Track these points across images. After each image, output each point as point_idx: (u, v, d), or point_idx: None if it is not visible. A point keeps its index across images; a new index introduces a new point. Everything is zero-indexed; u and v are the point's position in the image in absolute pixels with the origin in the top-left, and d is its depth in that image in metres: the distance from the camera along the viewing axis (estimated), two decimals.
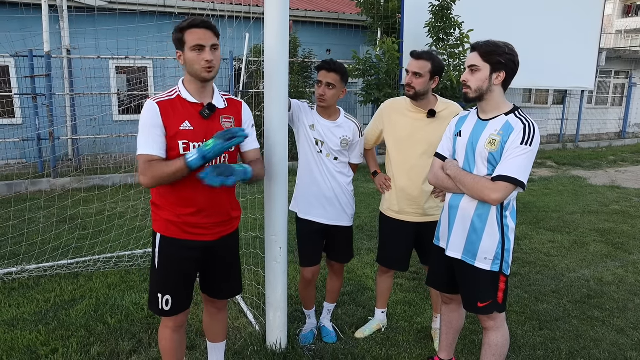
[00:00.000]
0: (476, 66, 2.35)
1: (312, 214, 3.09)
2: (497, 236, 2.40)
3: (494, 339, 2.54)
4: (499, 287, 2.45)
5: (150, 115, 2.21)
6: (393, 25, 11.44)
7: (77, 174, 8.33)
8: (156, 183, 2.22)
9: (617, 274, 4.65)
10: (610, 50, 16.13)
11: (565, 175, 10.18)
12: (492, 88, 2.37)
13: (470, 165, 2.43)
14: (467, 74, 2.38)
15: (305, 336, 3.30)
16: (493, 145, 2.32)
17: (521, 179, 2.26)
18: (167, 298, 2.36)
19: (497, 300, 2.47)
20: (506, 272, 2.45)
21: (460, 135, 2.50)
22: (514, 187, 2.27)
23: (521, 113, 2.38)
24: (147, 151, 2.19)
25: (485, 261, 2.42)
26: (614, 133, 17.49)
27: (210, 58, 2.20)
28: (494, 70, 2.34)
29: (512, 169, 2.25)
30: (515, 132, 2.29)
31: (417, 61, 2.90)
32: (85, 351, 3.13)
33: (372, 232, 5.66)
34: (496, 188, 2.27)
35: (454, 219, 2.51)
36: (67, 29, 9.38)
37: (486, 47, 2.34)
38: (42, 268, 4.39)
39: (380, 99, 9.88)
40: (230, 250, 2.55)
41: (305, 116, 3.03)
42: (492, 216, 2.39)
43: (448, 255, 2.55)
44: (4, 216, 5.68)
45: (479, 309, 2.49)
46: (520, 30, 11.20)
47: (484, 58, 2.34)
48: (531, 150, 2.27)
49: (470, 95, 2.39)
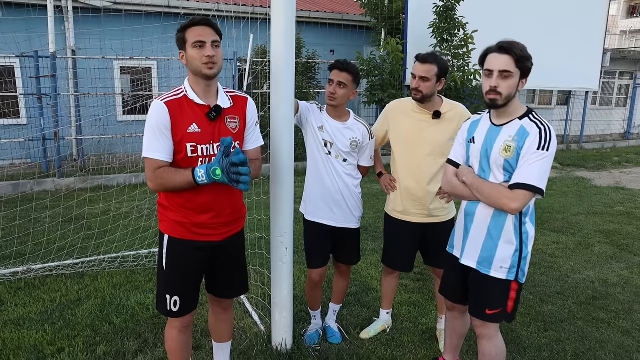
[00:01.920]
0: (509, 72, 2.21)
1: (320, 216, 3.10)
2: (514, 244, 2.33)
3: (487, 349, 2.47)
4: (509, 295, 2.38)
5: (158, 117, 2.19)
6: (397, 26, 11.44)
7: (82, 174, 8.36)
8: (164, 191, 2.26)
9: (622, 275, 4.64)
10: (615, 50, 16.09)
11: (569, 176, 10.16)
12: (516, 94, 2.27)
13: (486, 173, 2.36)
14: (499, 80, 2.22)
15: (310, 336, 3.30)
16: (508, 152, 2.24)
17: (540, 186, 2.18)
18: (176, 299, 2.37)
19: (507, 310, 2.40)
20: (521, 281, 2.39)
21: (473, 141, 2.42)
22: (532, 194, 2.20)
23: (535, 116, 2.28)
24: (155, 155, 2.18)
25: (501, 270, 2.35)
26: (618, 134, 17.44)
27: (211, 53, 2.19)
28: (523, 77, 2.24)
29: (531, 177, 2.17)
30: (531, 137, 2.20)
31: (424, 65, 2.88)
32: (91, 351, 3.14)
33: (377, 233, 5.66)
34: (515, 197, 2.19)
35: (469, 226, 2.45)
36: (72, 29, 9.41)
37: (520, 52, 2.20)
38: (47, 268, 4.40)
39: (384, 99, 9.88)
40: (236, 250, 2.56)
41: (314, 118, 3.03)
42: (509, 224, 2.32)
43: (462, 263, 2.50)
44: (10, 216, 5.70)
45: (488, 316, 2.41)
46: (524, 31, 11.11)
47: (518, 64, 2.21)
48: (549, 154, 2.18)
49: (500, 102, 2.25)
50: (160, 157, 2.19)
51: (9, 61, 8.63)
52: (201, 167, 2.16)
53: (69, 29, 9.40)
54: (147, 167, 2.20)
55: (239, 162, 2.07)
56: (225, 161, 2.09)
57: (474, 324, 2.51)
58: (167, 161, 2.21)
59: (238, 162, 2.07)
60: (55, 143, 8.14)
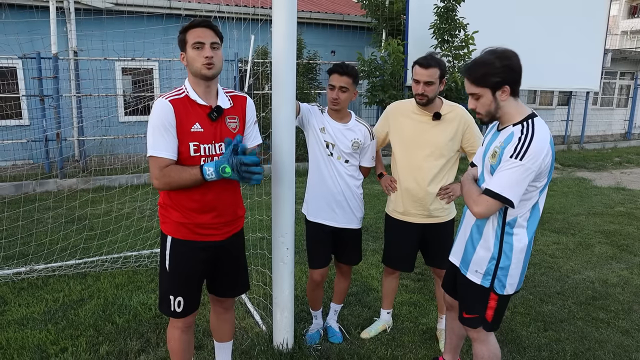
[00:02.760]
0: (475, 94, 2.21)
1: (322, 217, 3.12)
2: (491, 251, 2.28)
3: (479, 352, 2.47)
4: (488, 304, 2.34)
5: (164, 115, 2.19)
6: (398, 27, 11.46)
7: (84, 175, 8.39)
8: (169, 189, 2.27)
9: (622, 275, 4.65)
10: (616, 51, 16.09)
11: (570, 177, 10.17)
12: (501, 105, 2.20)
13: (481, 176, 2.38)
14: (472, 102, 2.25)
15: (311, 336, 3.33)
16: (494, 158, 2.22)
17: (505, 194, 2.10)
18: (179, 300, 2.39)
19: (486, 318, 2.37)
20: (498, 291, 2.30)
21: (483, 144, 2.45)
22: (498, 203, 2.13)
23: (529, 123, 2.16)
24: (160, 153, 2.20)
25: (476, 274, 2.33)
26: (619, 134, 17.43)
27: (210, 54, 2.21)
28: (496, 90, 2.17)
29: (497, 184, 2.13)
30: (510, 144, 2.12)
31: (427, 70, 2.89)
32: (94, 350, 3.17)
33: (378, 234, 5.68)
34: (479, 201, 2.18)
35: (460, 225, 2.52)
36: (74, 31, 9.45)
37: (475, 72, 2.17)
38: (50, 268, 4.43)
39: (385, 100, 9.90)
40: (237, 250, 2.59)
41: (315, 119, 3.05)
42: (489, 229, 2.29)
43: (450, 260, 2.57)
44: (13, 216, 5.73)
45: (464, 320, 2.43)
46: (525, 32, 11.22)
47: (478, 84, 2.18)
48: (521, 165, 2.06)
49: (485, 119, 2.27)
50: (166, 155, 2.20)
51: (11, 62, 8.66)
52: (209, 164, 2.18)
53: (71, 30, 9.43)
54: (153, 166, 2.21)
55: (251, 162, 2.12)
56: (235, 159, 2.12)
57: (465, 328, 2.52)
58: (173, 159, 2.22)
59: (250, 163, 2.11)
60: (57, 144, 8.17)
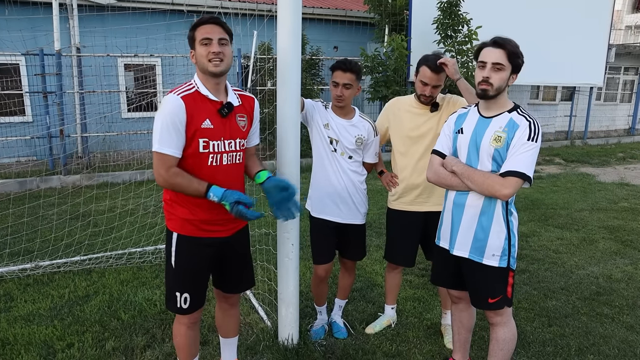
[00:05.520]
0: (501, 65, 2.33)
1: (326, 213, 3.12)
2: (504, 232, 2.43)
3: (501, 334, 2.56)
4: (508, 281, 2.49)
5: (175, 112, 2.17)
6: (401, 22, 11.42)
7: (87, 172, 8.41)
8: (170, 189, 2.30)
9: (626, 271, 4.65)
10: (620, 46, 15.98)
11: (573, 172, 10.14)
12: (506, 88, 2.39)
13: (473, 162, 2.45)
14: (491, 71, 2.34)
15: (316, 332, 3.34)
16: (499, 142, 2.36)
17: (529, 173, 2.31)
18: (186, 296, 2.39)
19: (507, 295, 2.50)
20: (513, 267, 2.49)
21: (462, 132, 2.51)
22: (522, 181, 2.31)
23: (523, 111, 2.42)
24: (167, 151, 2.19)
25: (494, 258, 2.44)
26: (622, 130, 17.37)
27: (217, 50, 2.21)
28: (514, 72, 2.37)
29: (521, 165, 2.30)
30: (520, 129, 2.33)
31: (438, 75, 2.94)
32: (100, 346, 3.19)
33: (381, 229, 5.68)
34: (507, 184, 2.30)
35: (459, 217, 2.51)
36: (77, 27, 9.46)
37: (512, 48, 2.33)
38: (55, 264, 4.45)
39: (387, 96, 9.89)
40: (242, 246, 2.60)
41: (319, 115, 3.06)
42: (499, 213, 2.42)
43: (454, 254, 2.56)
44: (17, 213, 5.76)
45: (491, 305, 2.51)
46: (528, 27, 11.16)
47: (510, 58, 2.33)
48: (537, 146, 2.32)
49: (490, 93, 2.36)
50: (172, 152, 2.20)
51: (14, 59, 8.68)
52: (216, 192, 2.22)
53: (74, 26, 9.44)
54: (158, 161, 2.20)
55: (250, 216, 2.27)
56: (235, 208, 2.23)
57: (487, 315, 2.60)
58: (178, 157, 2.23)
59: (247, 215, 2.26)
60: (60, 141, 8.19)
